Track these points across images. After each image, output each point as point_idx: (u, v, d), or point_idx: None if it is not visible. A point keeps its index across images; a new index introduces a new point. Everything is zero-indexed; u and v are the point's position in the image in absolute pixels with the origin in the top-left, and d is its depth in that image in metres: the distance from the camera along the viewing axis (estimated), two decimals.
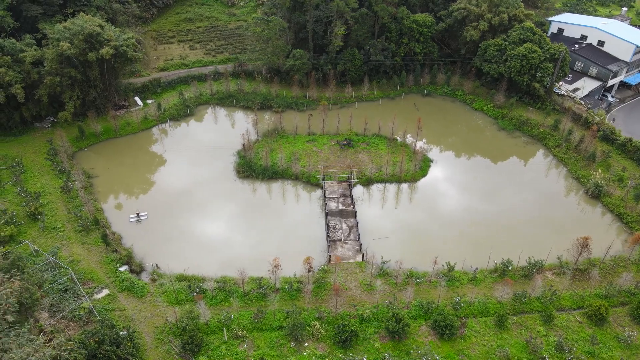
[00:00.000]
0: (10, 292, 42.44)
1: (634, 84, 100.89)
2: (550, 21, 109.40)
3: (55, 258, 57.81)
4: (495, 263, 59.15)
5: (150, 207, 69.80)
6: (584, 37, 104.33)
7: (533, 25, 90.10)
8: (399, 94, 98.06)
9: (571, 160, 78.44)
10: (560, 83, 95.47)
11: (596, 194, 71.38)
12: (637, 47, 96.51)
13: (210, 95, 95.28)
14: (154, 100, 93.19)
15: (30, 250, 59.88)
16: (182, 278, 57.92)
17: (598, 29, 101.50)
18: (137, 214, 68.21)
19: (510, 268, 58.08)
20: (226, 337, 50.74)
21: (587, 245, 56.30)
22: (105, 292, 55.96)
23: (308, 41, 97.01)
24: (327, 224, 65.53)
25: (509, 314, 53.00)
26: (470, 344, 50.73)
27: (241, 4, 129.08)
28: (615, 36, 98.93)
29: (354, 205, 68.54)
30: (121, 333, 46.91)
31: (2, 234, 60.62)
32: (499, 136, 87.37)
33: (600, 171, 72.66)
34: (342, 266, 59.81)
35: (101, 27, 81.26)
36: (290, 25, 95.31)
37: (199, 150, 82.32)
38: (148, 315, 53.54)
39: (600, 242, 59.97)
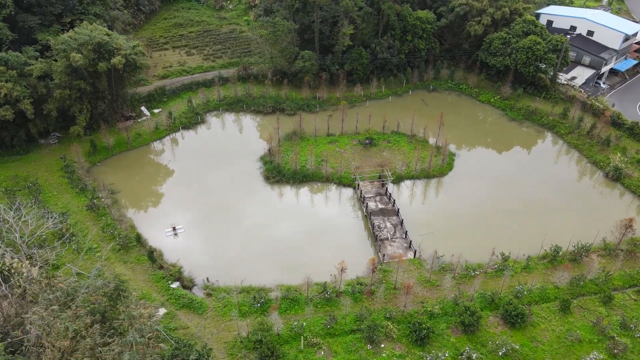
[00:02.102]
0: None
1: (623, 70, 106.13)
2: (539, 13, 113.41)
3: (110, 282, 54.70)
4: (545, 250, 60.80)
5: (183, 220, 67.38)
6: (573, 28, 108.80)
7: (534, 18, 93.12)
8: (406, 90, 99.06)
9: (585, 146, 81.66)
10: (559, 73, 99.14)
11: (616, 177, 74.67)
12: (626, 35, 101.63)
13: (218, 101, 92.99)
14: (161, 110, 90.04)
15: (72, 274, 56.52)
16: (239, 290, 56.19)
17: (587, 19, 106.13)
18: (174, 228, 65.73)
19: (560, 253, 59.79)
20: (302, 346, 49.70)
21: (631, 226, 58.85)
22: (163, 310, 53.58)
23: (314, 42, 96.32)
24: (373, 224, 65.33)
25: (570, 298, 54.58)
26: (540, 330, 51.95)
27: (230, 7, 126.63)
28: (604, 26, 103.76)
29: (394, 203, 68.68)
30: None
31: (38, 258, 56.86)
32: (511, 126, 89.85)
33: (619, 154, 76.01)
34: (395, 264, 59.78)
35: (108, 35, 77.76)
36: (295, 27, 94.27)
37: (218, 157, 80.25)
38: (214, 331, 51.69)
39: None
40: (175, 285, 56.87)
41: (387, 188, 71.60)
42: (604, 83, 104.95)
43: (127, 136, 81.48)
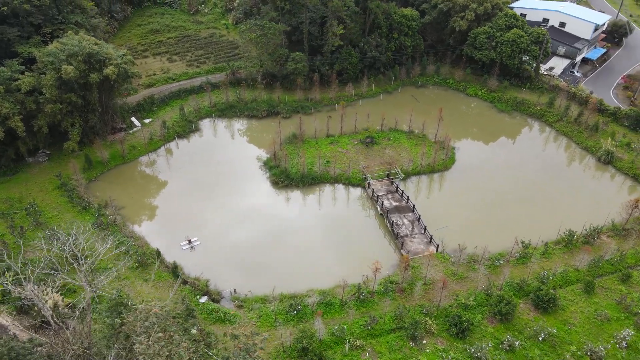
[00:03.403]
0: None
1: (594, 58, 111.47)
2: (512, 7, 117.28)
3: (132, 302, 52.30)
4: (560, 234, 63.06)
5: (196, 232, 65.43)
6: (545, 20, 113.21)
7: (514, 12, 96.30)
8: (395, 87, 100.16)
9: (575, 133, 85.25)
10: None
11: (608, 160, 78.41)
12: (596, 25, 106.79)
13: (210, 108, 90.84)
14: (151, 119, 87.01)
15: (93, 296, 53.72)
16: (276, 298, 55.10)
17: (559, 11, 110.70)
18: (189, 241, 63.74)
19: (574, 237, 62.14)
20: (347, 350, 49.37)
21: (637, 206, 61.95)
22: (196, 327, 51.78)
23: (303, 43, 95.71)
24: (392, 222, 65.67)
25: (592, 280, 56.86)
26: (570, 313, 53.84)
27: (205, 10, 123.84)
28: (576, 17, 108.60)
29: (407, 200, 69.29)
30: None
31: (55, 284, 53.73)
32: (501, 118, 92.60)
33: (609, 139, 79.80)
34: (420, 260, 60.44)
35: (97, 44, 74.41)
36: (287, 29, 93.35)
37: (220, 165, 78.49)
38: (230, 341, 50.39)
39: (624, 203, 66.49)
40: (203, 299, 55.15)
41: (397, 185, 72.16)
42: (577, 72, 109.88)
43: (121, 149, 78.27)
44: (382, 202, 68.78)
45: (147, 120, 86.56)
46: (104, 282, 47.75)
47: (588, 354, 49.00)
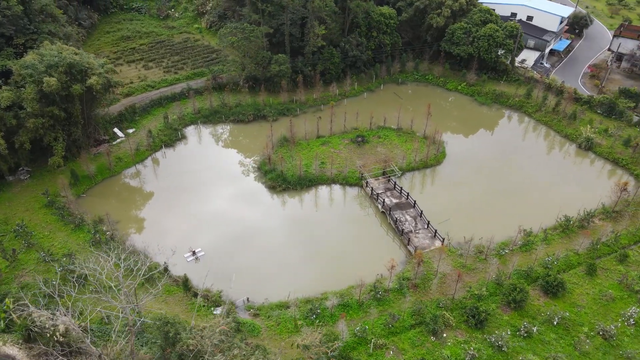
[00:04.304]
0: None
1: (561, 50, 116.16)
2: (481, 2, 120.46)
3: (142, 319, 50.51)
4: (557, 220, 65.40)
5: (199, 243, 63.86)
6: (513, 14, 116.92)
7: (488, 7, 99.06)
8: (377, 85, 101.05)
9: (554, 122, 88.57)
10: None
11: (588, 147, 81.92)
12: (562, 17, 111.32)
13: (193, 114, 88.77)
14: (134, 129, 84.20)
15: (102, 317, 51.60)
16: (286, 305, 54.52)
17: (526, 5, 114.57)
18: (193, 252, 62.15)
19: (571, 222, 64.58)
20: (371, 350, 49.46)
21: (625, 189, 65.08)
22: (245, 341, 50.49)
23: (284, 45, 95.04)
24: (395, 219, 66.23)
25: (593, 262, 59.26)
26: (577, 296, 55.97)
27: (176, 15, 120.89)
28: (542, 10, 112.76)
29: (408, 196, 70.07)
30: None
31: (62, 307, 51.10)
32: (482, 110, 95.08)
33: (589, 126, 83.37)
34: (427, 255, 61.24)
35: (77, 54, 71.34)
36: (270, 31, 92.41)
37: (212, 172, 76.94)
38: (276, 351, 49.72)
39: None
40: (217, 311, 53.87)
41: (395, 182, 72.83)
42: (546, 63, 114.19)
43: (108, 161, 75.35)
44: (383, 199, 69.24)
45: (130, 130, 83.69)
46: (144, 301, 45.79)
47: (600, 333, 51.10)
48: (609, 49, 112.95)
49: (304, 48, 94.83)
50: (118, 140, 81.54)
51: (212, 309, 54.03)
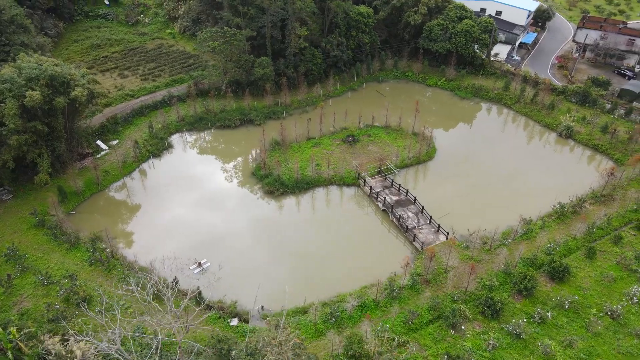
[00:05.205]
0: None
1: (529, 43, 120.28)
2: None
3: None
4: (552, 207, 67.69)
5: (202, 254, 62.30)
6: (483, 10, 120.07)
7: (463, 3, 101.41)
8: (359, 84, 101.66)
9: (533, 112, 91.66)
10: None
11: (568, 134, 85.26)
12: (529, 11, 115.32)
13: (178, 122, 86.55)
14: (118, 141, 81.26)
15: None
16: (304, 310, 54.00)
17: (495, 1, 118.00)
18: (199, 264, 60.56)
19: (566, 209, 66.99)
20: (395, 348, 49.66)
21: (612, 174, 68.12)
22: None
23: (265, 47, 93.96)
24: (399, 216, 66.76)
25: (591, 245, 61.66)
26: (581, 279, 58.11)
27: (146, 20, 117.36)
28: (510, 5, 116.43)
29: (407, 193, 70.77)
30: None
31: (71, 330, 48.74)
32: (463, 104, 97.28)
33: (568, 115, 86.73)
34: (433, 249, 62.05)
35: (57, 65, 68.13)
36: (253, 34, 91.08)
37: (204, 181, 75.43)
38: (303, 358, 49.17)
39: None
40: (234, 322, 52.79)
41: (392, 180, 73.41)
42: (516, 56, 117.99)
43: (95, 176, 72.37)
44: (384, 198, 69.66)
45: (113, 142, 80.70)
46: (192, 322, 44.31)
47: (608, 313, 53.27)
48: (573, 40, 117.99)
49: (285, 50, 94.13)
50: (102, 153, 78.47)
51: (229, 320, 52.82)
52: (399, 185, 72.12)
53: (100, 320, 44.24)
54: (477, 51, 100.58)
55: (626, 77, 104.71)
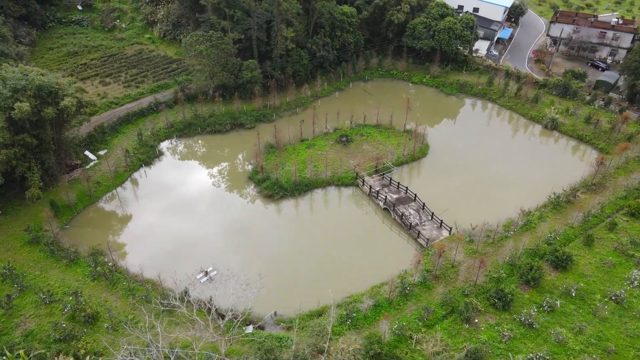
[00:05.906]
0: None
1: (506, 38, 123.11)
2: None
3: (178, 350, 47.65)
4: (548, 197, 69.51)
5: (208, 262, 61.19)
6: (460, 7, 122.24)
7: (444, 1, 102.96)
8: (346, 84, 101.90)
9: (518, 106, 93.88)
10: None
11: (554, 126, 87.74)
12: (506, 7, 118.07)
13: (167, 129, 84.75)
14: (106, 150, 78.98)
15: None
16: (318, 313, 53.74)
17: None
18: (205, 272, 59.46)
19: (561, 199, 68.89)
20: (413, 345, 50.02)
21: (602, 163, 70.48)
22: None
23: (251, 50, 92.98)
24: (402, 214, 67.21)
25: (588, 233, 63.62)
26: (583, 266, 59.85)
27: (123, 26, 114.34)
28: (487, 2, 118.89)
29: (407, 190, 71.33)
30: None
31: (82, 351, 47.11)
32: (449, 100, 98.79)
33: (552, 107, 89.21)
34: (442, 245, 62.67)
35: (43, 75, 65.65)
36: (241, 37, 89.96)
37: (200, 187, 74.30)
38: None
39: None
40: (249, 329, 52.09)
41: (390, 179, 73.88)
42: (494, 51, 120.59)
43: (87, 187, 70.14)
44: (385, 196, 70.00)
45: (102, 152, 78.37)
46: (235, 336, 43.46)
47: (612, 298, 55.06)
48: (547, 34, 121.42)
49: (272, 52, 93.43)
50: (91, 163, 76.12)
51: (243, 327, 52.06)
52: (398, 182, 72.62)
53: (140, 336, 42.81)
54: (460, 48, 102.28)
55: (599, 69, 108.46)
